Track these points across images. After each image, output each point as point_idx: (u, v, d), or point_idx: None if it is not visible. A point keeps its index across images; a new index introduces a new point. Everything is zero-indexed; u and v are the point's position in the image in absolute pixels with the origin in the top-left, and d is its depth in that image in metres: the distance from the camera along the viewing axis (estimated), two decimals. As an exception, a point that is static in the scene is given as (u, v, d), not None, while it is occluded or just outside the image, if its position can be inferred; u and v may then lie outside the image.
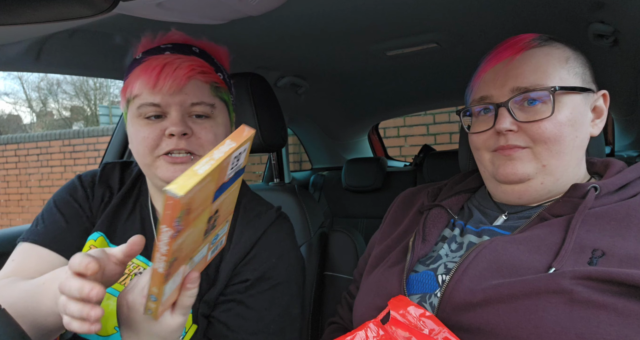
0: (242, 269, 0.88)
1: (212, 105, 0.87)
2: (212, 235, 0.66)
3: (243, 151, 0.60)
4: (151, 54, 0.87)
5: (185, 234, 0.55)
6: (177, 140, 0.83)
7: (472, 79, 0.85)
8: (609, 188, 0.71)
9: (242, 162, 0.61)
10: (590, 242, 0.65)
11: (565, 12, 1.17)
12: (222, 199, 0.61)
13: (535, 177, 0.76)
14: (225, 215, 0.67)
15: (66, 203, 0.94)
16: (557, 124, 0.74)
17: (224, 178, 0.58)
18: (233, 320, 0.85)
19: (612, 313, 0.57)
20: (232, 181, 0.62)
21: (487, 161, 0.81)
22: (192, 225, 0.55)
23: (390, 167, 2.49)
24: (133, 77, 0.85)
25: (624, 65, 1.35)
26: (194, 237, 0.59)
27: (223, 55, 0.96)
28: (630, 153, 1.81)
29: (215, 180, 0.55)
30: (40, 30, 0.91)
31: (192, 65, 0.84)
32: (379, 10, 1.15)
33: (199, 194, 0.53)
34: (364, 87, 2.02)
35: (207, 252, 0.68)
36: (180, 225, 0.52)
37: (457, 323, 0.65)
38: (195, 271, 0.64)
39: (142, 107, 0.84)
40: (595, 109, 0.80)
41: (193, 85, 0.85)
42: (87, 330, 0.58)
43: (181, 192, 0.49)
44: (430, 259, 0.80)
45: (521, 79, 0.76)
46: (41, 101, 15.98)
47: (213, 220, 0.62)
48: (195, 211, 0.55)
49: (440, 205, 0.88)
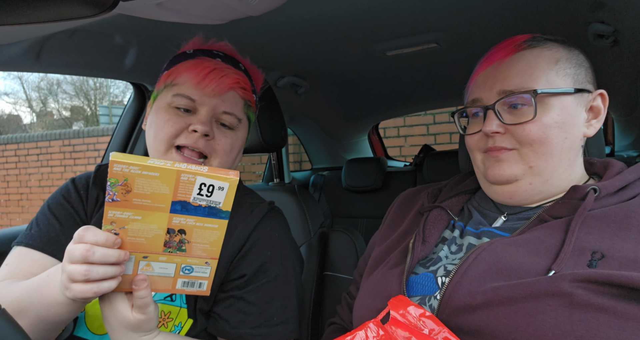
0: (238, 264, 0.89)
1: (240, 120, 0.93)
2: (181, 260, 0.71)
3: (219, 189, 0.66)
4: (203, 54, 0.93)
5: (128, 215, 0.64)
6: (197, 137, 0.87)
7: (468, 81, 0.86)
8: (609, 190, 0.71)
9: (216, 200, 0.67)
10: (589, 244, 0.65)
11: (565, 12, 1.17)
12: (187, 221, 0.67)
13: (522, 178, 0.77)
14: (201, 251, 0.71)
15: (60, 206, 0.95)
16: (542, 126, 0.74)
17: (186, 196, 0.65)
18: (234, 316, 0.85)
19: (612, 316, 0.57)
20: (202, 213, 0.67)
21: (479, 162, 0.83)
22: (136, 212, 0.64)
23: (390, 167, 2.49)
24: (182, 68, 0.90)
25: (624, 65, 1.35)
26: (144, 233, 0.66)
27: (260, 80, 1.03)
28: (630, 153, 1.81)
29: (169, 185, 0.63)
30: (40, 30, 0.91)
31: (238, 79, 0.90)
32: (379, 10, 1.15)
33: (143, 183, 0.61)
34: (364, 87, 2.02)
35: (175, 277, 0.72)
36: (114, 193, 0.61)
37: (456, 325, 0.65)
38: (145, 281, 0.68)
39: (178, 97, 0.88)
40: (592, 109, 0.79)
41: (231, 96, 0.91)
42: (115, 283, 0.67)
43: (115, 158, 0.59)
44: (430, 260, 0.80)
45: (507, 81, 0.77)
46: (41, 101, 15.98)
47: (177, 238, 0.68)
48: (140, 199, 0.63)
49: (440, 207, 0.88)
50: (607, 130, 2.05)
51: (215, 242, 0.71)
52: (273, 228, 0.95)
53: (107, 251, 0.64)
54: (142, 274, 0.69)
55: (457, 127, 0.89)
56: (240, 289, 0.87)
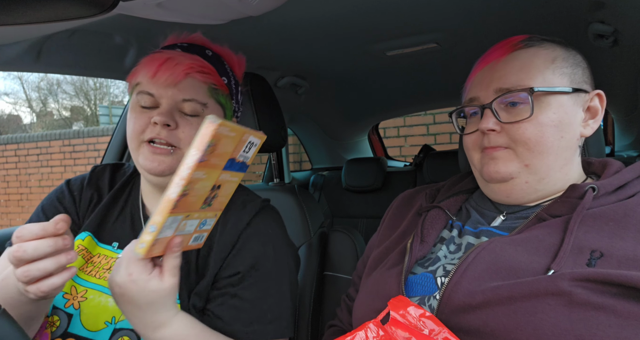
0: (232, 261, 0.89)
1: (205, 104, 0.89)
2: (204, 215, 0.71)
3: (253, 146, 0.69)
4: (165, 49, 0.91)
5: (200, 174, 0.63)
6: (159, 129, 0.86)
7: (466, 81, 0.87)
8: (607, 188, 0.71)
9: (249, 156, 0.70)
10: (588, 243, 0.65)
11: (565, 12, 1.17)
12: (226, 176, 0.68)
13: (518, 177, 0.77)
14: (219, 204, 0.73)
15: (53, 207, 0.95)
16: (537, 125, 0.74)
17: (237, 154, 0.67)
18: (228, 313, 0.85)
19: (612, 315, 0.57)
20: (237, 168, 0.69)
21: (476, 161, 0.83)
22: (207, 171, 0.63)
23: (390, 167, 2.49)
24: (140, 66, 0.90)
25: (624, 65, 1.35)
26: (200, 191, 0.66)
27: (237, 62, 1.00)
28: (630, 153, 1.81)
29: (234, 143, 0.64)
30: (40, 30, 0.91)
31: (192, 64, 0.87)
32: (379, 11, 1.15)
33: (223, 143, 0.62)
34: (364, 87, 2.02)
35: (193, 233, 0.72)
36: (205, 155, 0.60)
37: (456, 325, 0.65)
38: (181, 241, 0.68)
39: (140, 95, 0.88)
40: (589, 109, 0.80)
41: (189, 82, 0.88)
42: (69, 275, 0.66)
43: (219, 121, 0.59)
44: (428, 260, 0.80)
45: (504, 80, 0.77)
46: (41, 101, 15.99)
47: (213, 194, 0.69)
48: (216, 158, 0.63)
49: (438, 207, 0.88)
50: (607, 130, 2.05)
51: (230, 195, 0.74)
52: (266, 224, 0.95)
53: (38, 244, 0.62)
54: (179, 236, 0.68)
55: (454, 126, 0.89)
56: (234, 286, 0.87)
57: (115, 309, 0.84)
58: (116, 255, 0.91)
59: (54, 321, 0.85)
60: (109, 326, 0.84)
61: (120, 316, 0.84)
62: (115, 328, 0.83)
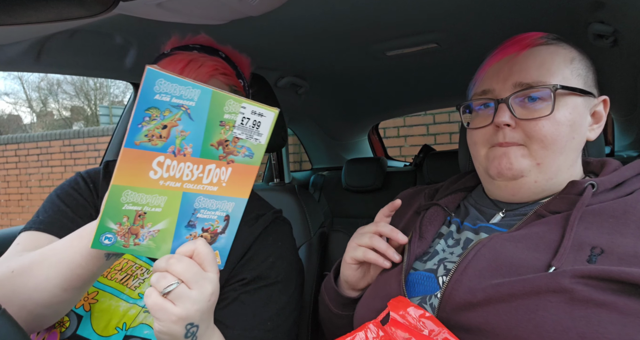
0: (240, 269, 0.89)
1: None
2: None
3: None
4: (179, 50, 0.91)
5: None
6: None
7: (476, 73, 0.85)
8: (606, 185, 0.71)
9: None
10: (589, 240, 0.64)
11: (565, 12, 1.17)
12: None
13: (528, 175, 0.76)
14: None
15: (70, 196, 0.92)
16: (555, 123, 0.74)
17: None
18: (229, 317, 0.85)
19: (613, 312, 0.57)
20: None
21: (482, 157, 0.82)
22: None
23: (390, 167, 2.49)
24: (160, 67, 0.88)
25: (624, 66, 1.35)
26: None
27: (245, 64, 1.00)
28: (630, 153, 1.81)
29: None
30: (40, 31, 0.91)
31: (216, 65, 0.87)
32: (379, 10, 1.15)
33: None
34: (364, 87, 2.02)
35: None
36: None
37: (457, 323, 0.65)
38: None
39: None
40: (595, 114, 0.80)
41: (213, 84, 0.87)
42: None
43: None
44: (426, 254, 0.80)
45: (524, 74, 0.76)
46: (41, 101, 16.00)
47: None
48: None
49: (436, 204, 0.88)
50: (607, 130, 2.05)
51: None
52: (277, 238, 0.95)
53: None
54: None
55: (461, 119, 0.88)
56: (236, 291, 0.87)
57: (125, 315, 0.81)
58: (128, 256, 0.89)
59: (64, 321, 0.82)
60: (120, 332, 0.81)
61: (131, 322, 0.81)
62: (126, 335, 0.80)
